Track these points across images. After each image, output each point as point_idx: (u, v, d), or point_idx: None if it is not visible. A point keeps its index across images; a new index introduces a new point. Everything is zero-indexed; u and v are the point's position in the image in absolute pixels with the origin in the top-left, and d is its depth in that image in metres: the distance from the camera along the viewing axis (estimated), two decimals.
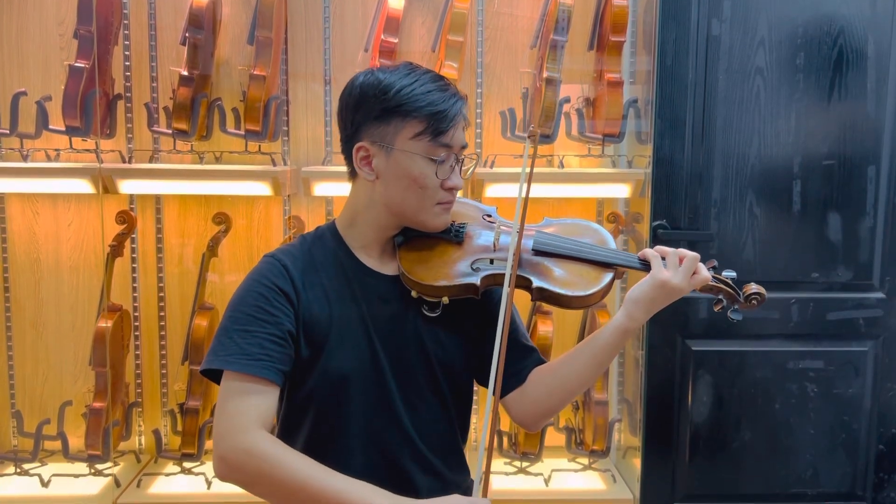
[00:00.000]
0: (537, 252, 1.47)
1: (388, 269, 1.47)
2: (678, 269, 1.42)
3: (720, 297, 1.50)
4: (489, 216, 1.55)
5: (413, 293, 1.43)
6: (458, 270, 1.43)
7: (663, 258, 1.44)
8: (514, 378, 1.53)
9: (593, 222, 1.60)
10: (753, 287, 1.48)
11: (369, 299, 1.43)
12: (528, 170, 1.49)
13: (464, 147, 1.43)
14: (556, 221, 1.58)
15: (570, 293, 1.42)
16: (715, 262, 1.49)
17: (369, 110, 1.38)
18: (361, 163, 1.41)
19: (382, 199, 1.42)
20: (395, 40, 2.46)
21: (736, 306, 1.49)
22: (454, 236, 1.47)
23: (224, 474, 1.28)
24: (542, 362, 1.55)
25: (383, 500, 1.24)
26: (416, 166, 1.38)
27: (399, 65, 1.43)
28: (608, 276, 1.45)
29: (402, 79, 1.38)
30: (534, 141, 1.58)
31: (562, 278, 1.44)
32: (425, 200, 1.41)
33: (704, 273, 1.44)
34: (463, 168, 1.45)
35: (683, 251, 1.44)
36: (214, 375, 1.35)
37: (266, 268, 1.40)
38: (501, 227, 1.50)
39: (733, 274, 1.50)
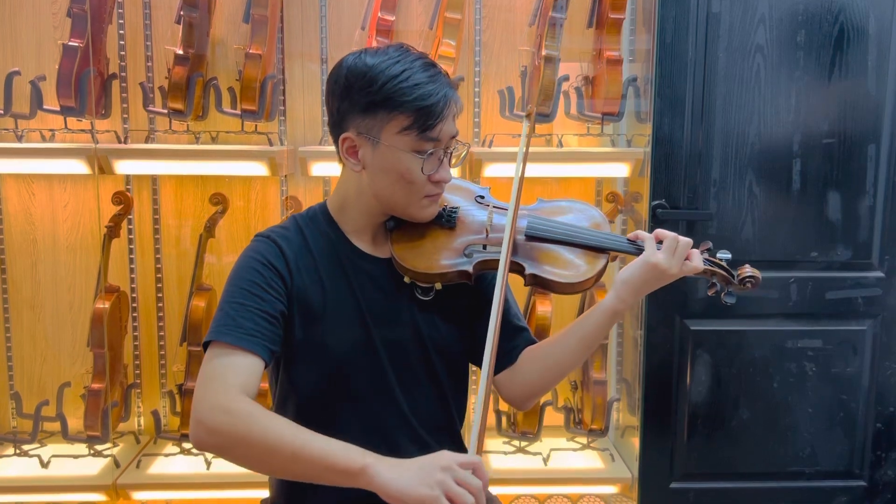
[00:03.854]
0: (530, 237, 1.46)
1: (381, 252, 1.45)
2: (672, 254, 1.41)
3: (714, 280, 1.50)
4: (482, 198, 1.53)
5: (406, 278, 1.42)
6: (451, 256, 1.42)
7: (659, 241, 1.43)
8: (505, 358, 1.53)
9: (587, 203, 1.59)
10: (748, 270, 1.48)
11: (363, 283, 1.42)
12: (524, 149, 1.47)
13: (454, 136, 1.39)
14: (549, 204, 1.57)
15: (562, 280, 1.42)
16: (710, 245, 1.49)
17: (354, 102, 1.34)
18: (347, 153, 1.38)
19: (370, 189, 1.40)
20: (393, 18, 2.44)
21: (730, 289, 1.49)
22: (446, 221, 1.46)
23: (201, 438, 1.21)
24: (534, 342, 1.56)
25: (367, 457, 1.17)
26: (402, 161, 1.35)
27: (388, 48, 1.37)
28: (602, 262, 1.45)
29: (389, 67, 1.32)
30: (531, 120, 1.56)
31: (555, 264, 1.44)
32: (412, 195, 1.38)
33: (696, 261, 1.44)
34: (455, 154, 1.41)
35: (677, 236, 1.42)
36: None
37: (262, 246, 1.39)
38: (494, 211, 1.49)
39: (728, 256, 1.49)
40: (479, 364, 1.55)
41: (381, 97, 1.32)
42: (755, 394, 2.40)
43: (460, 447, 1.58)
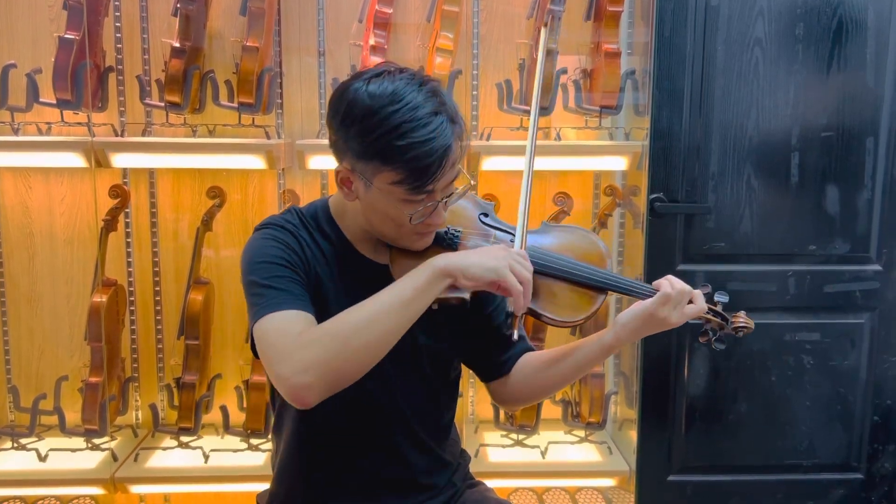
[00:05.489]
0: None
1: (381, 257, 1.44)
2: (674, 308, 1.39)
3: (707, 327, 1.48)
4: (486, 216, 1.50)
5: None
6: None
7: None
8: (498, 368, 1.53)
9: (591, 233, 1.56)
10: (741, 320, 1.47)
11: (363, 286, 1.39)
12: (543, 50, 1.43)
13: (453, 180, 1.33)
14: (554, 229, 1.54)
15: (559, 318, 1.41)
16: (709, 288, 1.47)
17: (351, 141, 1.29)
18: (342, 183, 1.35)
19: (364, 215, 1.38)
20: (390, 10, 2.43)
21: (722, 335, 1.48)
22: (448, 245, 1.42)
23: (302, 384, 1.19)
24: (530, 349, 1.55)
25: (435, 261, 1.26)
26: (391, 208, 1.31)
27: (396, 81, 1.28)
28: (599, 301, 1.43)
29: (388, 118, 1.24)
30: (548, 29, 1.48)
31: (552, 300, 1.42)
32: (402, 232, 1.36)
33: (700, 302, 1.42)
34: (455, 193, 1.36)
35: (684, 290, 1.40)
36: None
37: (277, 232, 1.38)
38: (496, 235, 1.46)
39: (725, 299, 1.49)
40: (476, 369, 1.56)
41: (375, 149, 1.26)
42: (753, 387, 2.40)
43: (454, 447, 1.59)
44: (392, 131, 1.24)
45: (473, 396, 2.72)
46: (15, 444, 2.51)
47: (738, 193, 2.33)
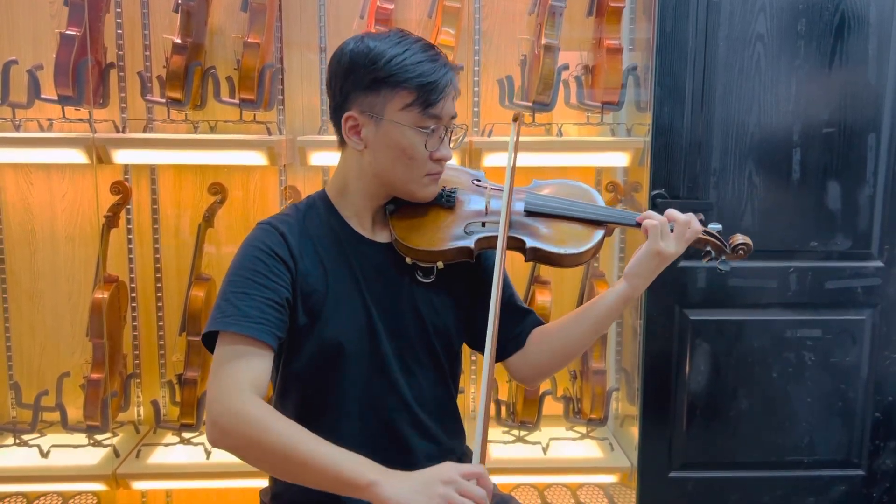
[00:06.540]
0: (529, 213, 1.50)
1: (380, 236, 1.47)
2: (671, 238, 1.45)
3: (708, 248, 1.54)
4: (479, 181, 1.57)
5: (407, 260, 1.44)
6: (452, 235, 1.45)
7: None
8: (513, 342, 1.56)
9: (580, 181, 1.64)
10: (739, 238, 1.53)
11: (364, 268, 1.44)
12: (515, 140, 1.52)
13: (454, 118, 1.43)
14: (545, 183, 1.61)
15: (562, 251, 1.46)
16: (701, 216, 1.52)
17: (358, 80, 1.37)
18: (350, 132, 1.41)
19: (371, 169, 1.42)
20: (391, 6, 2.43)
21: (723, 257, 1.54)
22: (446, 201, 1.49)
23: (216, 439, 1.24)
24: (540, 323, 1.58)
25: (374, 473, 1.17)
26: (404, 137, 1.37)
27: (390, 32, 1.41)
28: (599, 234, 1.49)
29: (392, 47, 1.36)
30: (518, 124, 1.60)
31: (554, 237, 1.48)
32: (414, 171, 1.41)
33: (696, 226, 1.48)
34: (453, 138, 1.45)
35: (673, 215, 1.46)
36: (212, 343, 1.33)
37: (263, 234, 1.40)
38: (491, 191, 1.53)
39: (719, 227, 1.55)
40: (481, 349, 1.56)
41: (384, 74, 1.35)
42: (754, 383, 2.40)
43: (459, 432, 1.59)
44: (400, 54, 1.35)
45: (475, 393, 2.72)
46: (17, 441, 2.52)
47: (740, 190, 2.32)
